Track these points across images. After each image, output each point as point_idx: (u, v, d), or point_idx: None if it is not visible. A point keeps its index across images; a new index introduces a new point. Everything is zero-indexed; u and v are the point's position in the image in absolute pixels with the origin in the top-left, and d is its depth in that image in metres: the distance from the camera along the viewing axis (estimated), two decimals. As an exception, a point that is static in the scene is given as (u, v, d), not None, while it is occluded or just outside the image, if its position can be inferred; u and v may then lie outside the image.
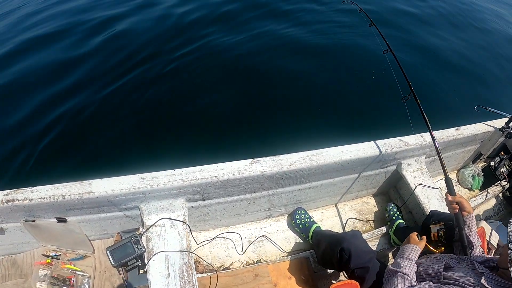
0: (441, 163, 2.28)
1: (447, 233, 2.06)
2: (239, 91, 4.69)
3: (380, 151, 2.59)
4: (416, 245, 1.90)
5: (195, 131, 4.11)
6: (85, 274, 2.33)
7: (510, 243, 1.28)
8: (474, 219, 1.93)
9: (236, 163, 2.24)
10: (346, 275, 2.11)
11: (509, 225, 1.35)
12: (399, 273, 1.68)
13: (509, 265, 1.27)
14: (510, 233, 1.32)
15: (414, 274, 1.71)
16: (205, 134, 4.09)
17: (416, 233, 2.03)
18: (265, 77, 4.91)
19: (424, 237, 1.99)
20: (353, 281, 1.95)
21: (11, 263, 2.40)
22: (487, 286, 1.33)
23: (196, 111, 4.34)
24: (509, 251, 1.27)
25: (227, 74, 4.96)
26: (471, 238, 1.88)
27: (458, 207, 1.91)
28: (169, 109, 4.36)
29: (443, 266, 1.62)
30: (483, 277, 1.39)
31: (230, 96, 4.58)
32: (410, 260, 1.77)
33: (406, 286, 1.60)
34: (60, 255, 2.38)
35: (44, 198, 1.93)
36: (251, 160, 2.27)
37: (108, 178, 2.02)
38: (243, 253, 2.63)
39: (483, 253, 1.91)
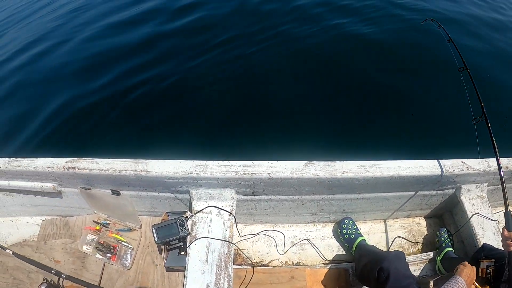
0: (504, 194, 2.17)
1: (497, 271, 1.94)
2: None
3: (440, 171, 2.49)
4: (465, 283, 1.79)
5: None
6: (129, 246, 2.44)
7: None
8: None
9: (290, 163, 2.24)
10: None
11: None
12: None
13: None
14: None
15: None
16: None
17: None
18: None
19: (475, 272, 1.89)
20: None
21: (63, 224, 2.57)
22: None
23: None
24: None
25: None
26: None
27: None
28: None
29: None
30: None
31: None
32: None
33: None
34: (109, 224, 2.52)
35: (103, 170, 2.06)
36: (305, 162, 2.26)
37: (164, 160, 2.11)
38: (284, 253, 2.64)
39: None
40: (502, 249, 1.90)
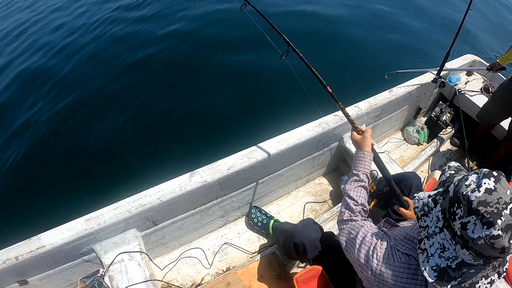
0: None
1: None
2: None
3: (318, 131, 2.81)
4: (362, 152, 1.95)
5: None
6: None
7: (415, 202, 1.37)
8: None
9: (176, 179, 2.40)
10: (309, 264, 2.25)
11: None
12: (345, 195, 1.84)
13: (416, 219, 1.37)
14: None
15: (364, 192, 1.82)
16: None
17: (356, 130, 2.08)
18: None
19: (368, 130, 2.01)
20: (315, 266, 2.12)
21: None
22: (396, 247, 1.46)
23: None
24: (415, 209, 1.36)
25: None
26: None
27: None
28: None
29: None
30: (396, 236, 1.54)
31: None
32: (355, 176, 1.87)
33: (349, 214, 1.74)
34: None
35: None
36: (190, 173, 2.44)
37: (55, 228, 2.14)
38: (211, 265, 2.79)
39: None
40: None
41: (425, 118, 4.19)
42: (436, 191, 1.31)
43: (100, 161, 4.41)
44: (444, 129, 3.96)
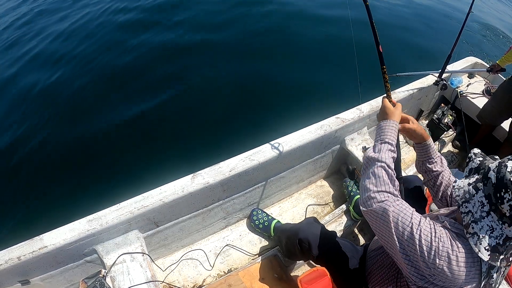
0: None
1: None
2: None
3: (320, 133, 2.82)
4: (392, 121, 1.76)
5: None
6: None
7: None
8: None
9: (178, 181, 2.41)
10: (313, 262, 2.28)
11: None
12: (380, 163, 1.58)
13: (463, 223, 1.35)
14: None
15: (392, 161, 1.62)
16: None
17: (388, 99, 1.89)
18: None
19: (400, 105, 1.87)
20: (319, 267, 2.14)
21: None
22: (449, 227, 1.40)
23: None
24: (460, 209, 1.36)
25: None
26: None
27: None
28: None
29: None
30: (445, 221, 1.45)
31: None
32: (389, 145, 1.66)
33: (390, 186, 1.54)
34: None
35: (1, 264, 2.03)
36: (192, 174, 2.45)
37: (57, 229, 2.15)
38: (212, 267, 2.79)
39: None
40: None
41: (427, 121, 4.17)
42: (474, 178, 1.39)
43: (101, 162, 4.42)
44: (446, 132, 3.96)
